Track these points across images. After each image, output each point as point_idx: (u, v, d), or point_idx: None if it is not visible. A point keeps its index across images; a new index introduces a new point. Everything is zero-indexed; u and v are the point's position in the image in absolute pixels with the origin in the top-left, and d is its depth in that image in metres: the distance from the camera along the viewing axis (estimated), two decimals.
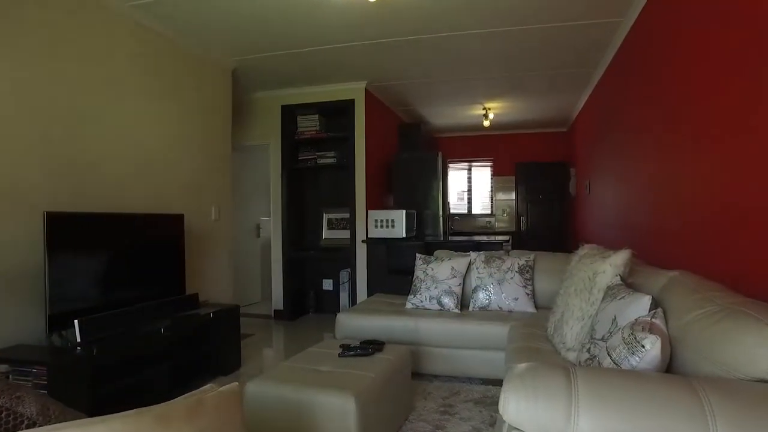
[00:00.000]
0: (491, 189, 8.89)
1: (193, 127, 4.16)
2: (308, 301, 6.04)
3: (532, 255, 3.80)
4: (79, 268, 2.70)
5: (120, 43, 3.37)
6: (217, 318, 3.46)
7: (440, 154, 6.12)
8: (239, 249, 6.37)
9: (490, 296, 3.63)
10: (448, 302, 3.65)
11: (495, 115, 7.02)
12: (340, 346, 2.70)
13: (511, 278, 3.64)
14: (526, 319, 3.29)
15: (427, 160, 6.12)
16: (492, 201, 8.88)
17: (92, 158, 3.14)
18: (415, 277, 3.90)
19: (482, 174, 8.97)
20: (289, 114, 5.80)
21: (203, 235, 4.24)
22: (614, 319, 1.81)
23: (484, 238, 5.71)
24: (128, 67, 3.46)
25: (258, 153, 6.56)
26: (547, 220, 8.59)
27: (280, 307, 5.75)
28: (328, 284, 6.08)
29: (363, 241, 5.42)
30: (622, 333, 1.54)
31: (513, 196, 8.72)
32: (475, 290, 3.70)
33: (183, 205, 3.95)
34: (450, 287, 3.69)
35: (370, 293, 5.24)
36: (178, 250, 3.46)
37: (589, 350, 1.88)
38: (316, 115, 5.79)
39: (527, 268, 3.70)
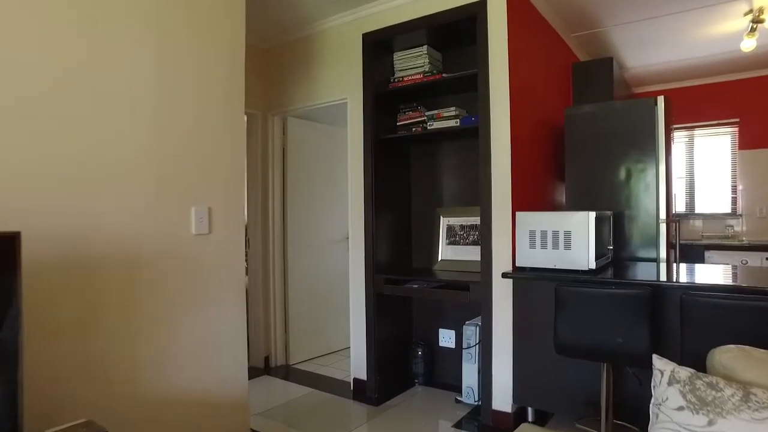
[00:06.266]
0: (733, 172, 5.42)
1: (141, 64, 2.02)
2: (413, 364, 3.59)
3: None
4: None
5: None
6: None
7: (662, 99, 3.16)
8: (315, 272, 4.20)
9: None
10: None
11: None
12: None
13: None
14: None
15: (634, 114, 3.22)
16: (735, 191, 5.41)
17: None
18: None
19: (715, 147, 5.53)
20: (378, 48, 3.41)
21: (167, 265, 2.09)
22: None
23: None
24: None
25: (345, 121, 4.34)
26: None
27: (363, 375, 3.41)
28: (447, 337, 3.57)
29: (504, 276, 2.79)
30: None
31: None
32: None
33: (116, 208, 1.83)
34: None
35: (518, 391, 2.61)
36: None
37: None
38: (424, 47, 3.31)
39: None
